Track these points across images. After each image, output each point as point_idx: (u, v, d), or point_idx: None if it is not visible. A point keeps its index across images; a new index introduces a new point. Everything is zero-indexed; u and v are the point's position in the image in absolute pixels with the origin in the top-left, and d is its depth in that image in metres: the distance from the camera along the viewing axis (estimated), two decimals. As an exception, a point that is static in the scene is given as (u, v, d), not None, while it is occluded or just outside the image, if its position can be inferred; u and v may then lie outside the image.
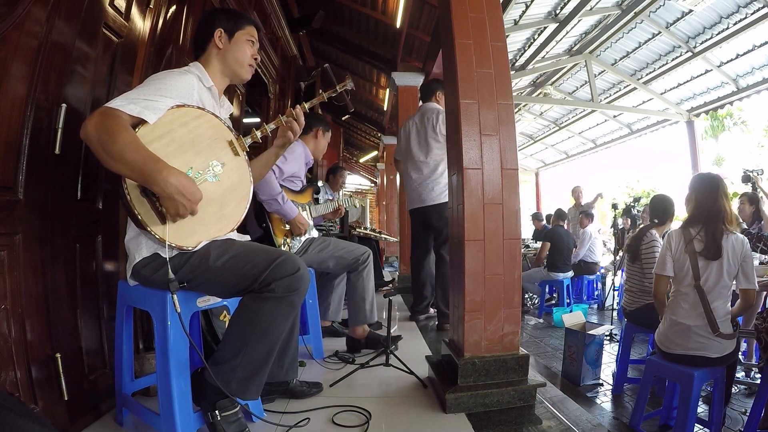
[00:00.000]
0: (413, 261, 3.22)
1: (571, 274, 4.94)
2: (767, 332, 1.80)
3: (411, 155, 3.06)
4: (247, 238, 1.46)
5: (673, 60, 5.55)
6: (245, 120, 3.95)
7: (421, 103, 3.23)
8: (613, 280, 4.76)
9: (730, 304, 1.86)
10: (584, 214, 5.46)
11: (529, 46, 5.61)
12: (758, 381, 2.13)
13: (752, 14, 4.42)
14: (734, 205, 2.42)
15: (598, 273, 5.45)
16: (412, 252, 3.26)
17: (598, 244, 5.44)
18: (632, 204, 4.50)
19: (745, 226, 3.16)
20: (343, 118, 8.10)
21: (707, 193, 1.93)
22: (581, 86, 6.91)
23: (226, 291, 1.31)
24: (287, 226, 2.20)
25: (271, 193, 2.06)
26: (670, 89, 6.20)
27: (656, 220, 2.64)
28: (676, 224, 2.61)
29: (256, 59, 1.44)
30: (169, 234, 1.16)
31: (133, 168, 1.07)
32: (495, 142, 1.78)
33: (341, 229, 4.05)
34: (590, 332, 2.72)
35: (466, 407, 1.61)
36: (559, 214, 5.39)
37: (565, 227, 5.43)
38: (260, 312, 1.23)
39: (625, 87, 6.56)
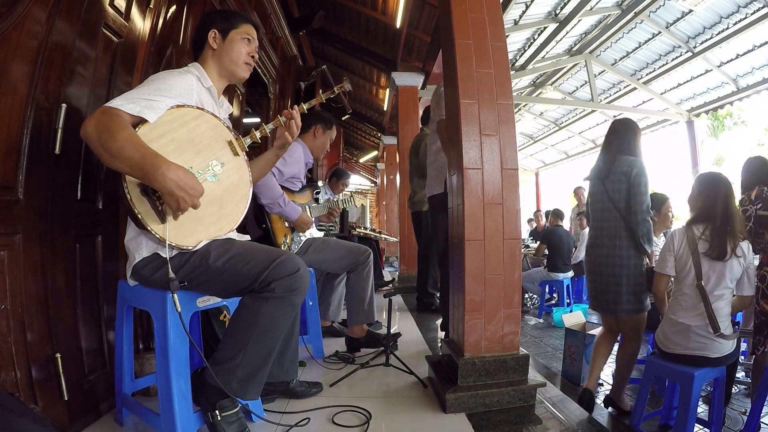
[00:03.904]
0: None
1: (571, 274, 4.93)
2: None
3: None
4: (247, 238, 1.46)
5: (673, 60, 5.56)
6: (245, 120, 3.95)
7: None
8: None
9: (730, 305, 1.86)
10: (583, 215, 5.43)
11: (529, 46, 5.61)
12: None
13: (752, 14, 4.43)
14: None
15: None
16: None
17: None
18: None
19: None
20: (343, 119, 8.11)
21: (717, 194, 1.90)
22: (581, 86, 6.91)
23: (226, 291, 1.31)
24: (287, 224, 2.20)
25: (273, 197, 2.06)
26: (670, 89, 6.20)
27: None
28: (676, 224, 2.59)
29: (253, 57, 1.42)
30: (169, 234, 1.16)
31: (133, 165, 1.06)
32: (495, 142, 1.78)
33: (341, 229, 4.05)
34: (590, 332, 2.72)
35: (466, 407, 1.61)
36: (557, 213, 5.37)
37: (566, 227, 5.41)
38: (260, 312, 1.23)
39: (625, 87, 6.56)
